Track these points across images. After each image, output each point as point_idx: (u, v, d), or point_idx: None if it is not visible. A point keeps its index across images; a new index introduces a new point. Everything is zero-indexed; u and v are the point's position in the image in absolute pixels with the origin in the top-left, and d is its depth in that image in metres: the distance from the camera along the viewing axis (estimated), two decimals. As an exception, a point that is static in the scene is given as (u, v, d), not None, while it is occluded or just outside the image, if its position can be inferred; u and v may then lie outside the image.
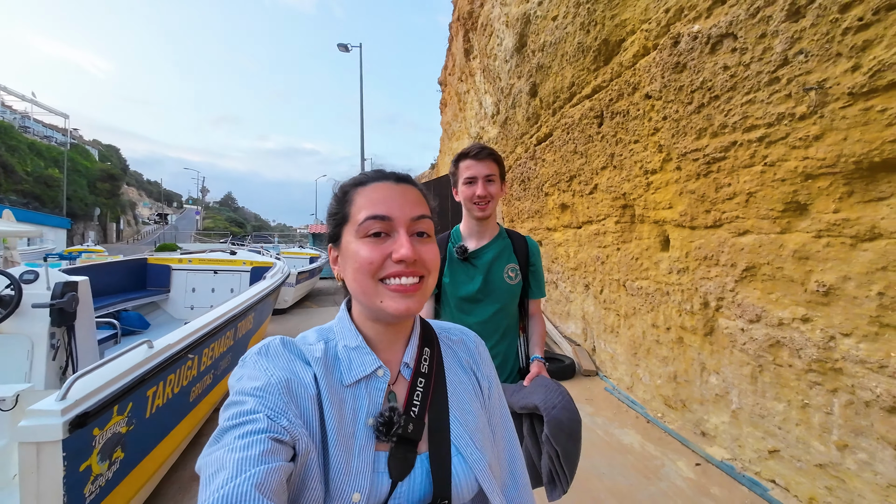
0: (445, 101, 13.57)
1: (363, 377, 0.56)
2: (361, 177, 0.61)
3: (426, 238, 0.57)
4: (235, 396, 0.49)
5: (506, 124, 5.59)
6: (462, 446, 0.57)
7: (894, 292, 1.36)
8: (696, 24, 2.02)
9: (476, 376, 0.67)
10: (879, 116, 1.31)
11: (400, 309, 0.53)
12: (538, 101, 4.30)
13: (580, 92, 3.40)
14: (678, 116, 2.22)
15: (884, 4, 1.25)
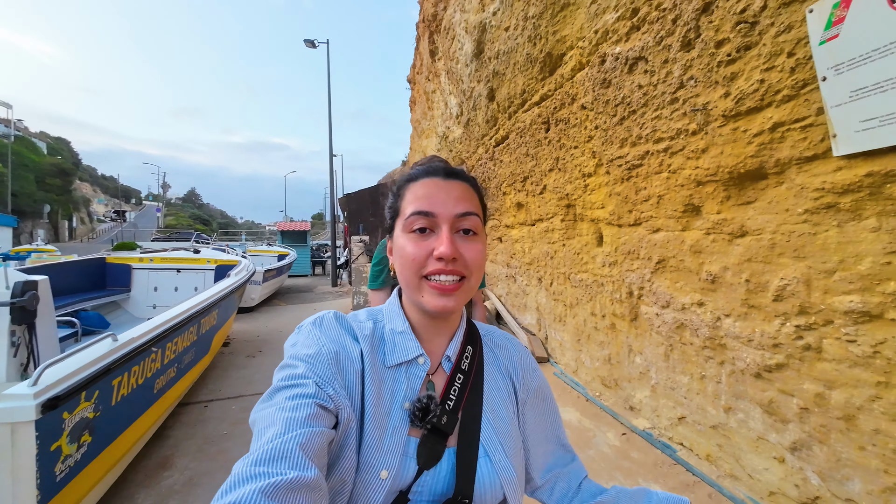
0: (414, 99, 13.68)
1: (404, 361, 0.58)
2: (414, 172, 0.62)
3: (472, 236, 0.57)
4: (289, 360, 0.53)
5: (468, 125, 5.82)
6: (491, 449, 0.58)
7: (757, 279, 1.66)
8: (618, 46, 2.29)
9: (514, 384, 0.67)
10: (743, 135, 1.60)
11: (437, 306, 0.55)
12: (496, 104, 4.54)
13: (530, 99, 3.65)
14: (606, 126, 2.50)
15: (743, 45, 1.53)
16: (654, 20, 1.99)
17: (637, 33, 2.14)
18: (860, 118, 1.19)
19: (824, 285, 1.40)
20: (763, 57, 1.46)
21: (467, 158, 6.51)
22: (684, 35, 1.80)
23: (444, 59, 6.44)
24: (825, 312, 1.41)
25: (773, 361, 1.62)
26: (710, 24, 1.67)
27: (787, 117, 1.42)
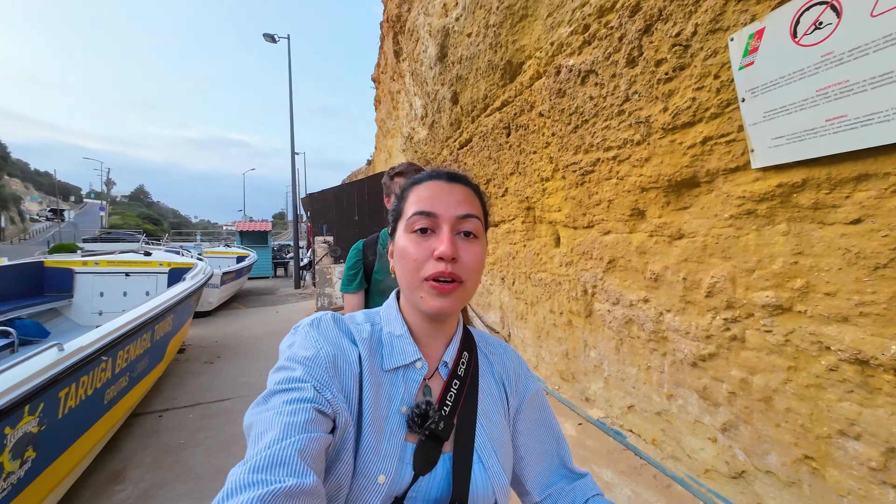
0: (379, 98, 13.58)
1: (402, 365, 0.58)
2: (419, 176, 0.64)
3: (472, 239, 0.58)
4: (286, 362, 0.52)
5: (433, 127, 5.88)
6: (484, 456, 0.58)
7: (692, 277, 1.83)
8: (572, 59, 2.42)
9: (506, 391, 0.68)
10: (679, 147, 1.76)
11: (435, 306, 0.55)
12: (459, 108, 4.63)
13: (492, 104, 3.77)
14: (562, 134, 2.64)
15: (678, 65, 1.69)
16: (603, 37, 2.13)
17: (588, 48, 2.29)
18: (772, 136, 1.36)
19: (746, 282, 1.58)
20: (695, 77, 1.62)
21: (432, 160, 6.57)
22: (629, 53, 1.95)
23: (409, 61, 6.47)
24: (747, 306, 1.58)
25: (707, 351, 1.79)
26: (651, 45, 1.82)
27: (715, 132, 1.59)
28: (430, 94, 5.54)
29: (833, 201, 1.28)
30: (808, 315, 1.38)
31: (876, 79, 1.07)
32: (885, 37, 1.04)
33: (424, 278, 0.55)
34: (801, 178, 1.33)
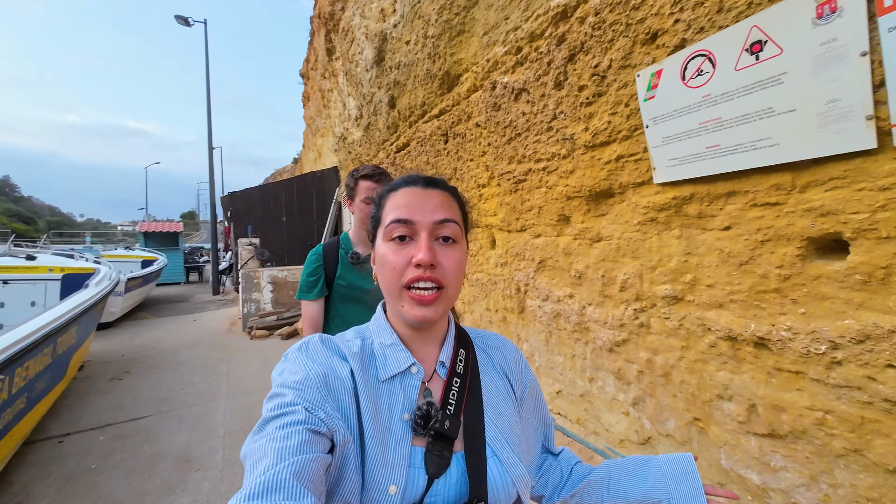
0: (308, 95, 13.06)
1: (398, 373, 0.58)
2: (395, 182, 0.64)
3: (451, 244, 0.58)
4: (277, 389, 0.52)
5: (369, 129, 5.86)
6: (498, 448, 0.57)
7: (609, 275, 2.12)
8: (506, 76, 2.65)
9: (510, 381, 0.68)
10: (598, 162, 2.04)
11: (417, 316, 0.55)
12: (397, 112, 4.70)
13: (430, 111, 3.91)
14: (497, 145, 2.86)
15: (597, 92, 1.96)
16: (534, 60, 2.37)
17: (521, 68, 2.52)
18: (668, 157, 1.66)
19: (650, 278, 1.89)
20: (610, 104, 1.90)
21: (367, 161, 6.55)
22: (556, 77, 2.20)
23: (343, 61, 6.38)
24: (651, 298, 1.89)
25: (620, 338, 2.09)
26: (574, 72, 2.08)
27: (626, 152, 1.88)
28: (366, 96, 5.53)
29: (711, 212, 1.60)
30: (695, 303, 1.71)
31: (739, 118, 1.39)
32: (745, 87, 1.35)
33: (404, 285, 0.55)
34: (689, 193, 1.65)
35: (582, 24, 1.96)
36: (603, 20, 1.83)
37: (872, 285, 1.19)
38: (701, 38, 1.46)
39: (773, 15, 1.25)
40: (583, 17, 1.95)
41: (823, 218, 1.27)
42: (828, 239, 1.29)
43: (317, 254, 1.53)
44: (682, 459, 0.68)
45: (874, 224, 1.16)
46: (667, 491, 0.65)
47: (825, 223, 1.27)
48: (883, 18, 1.04)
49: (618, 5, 1.74)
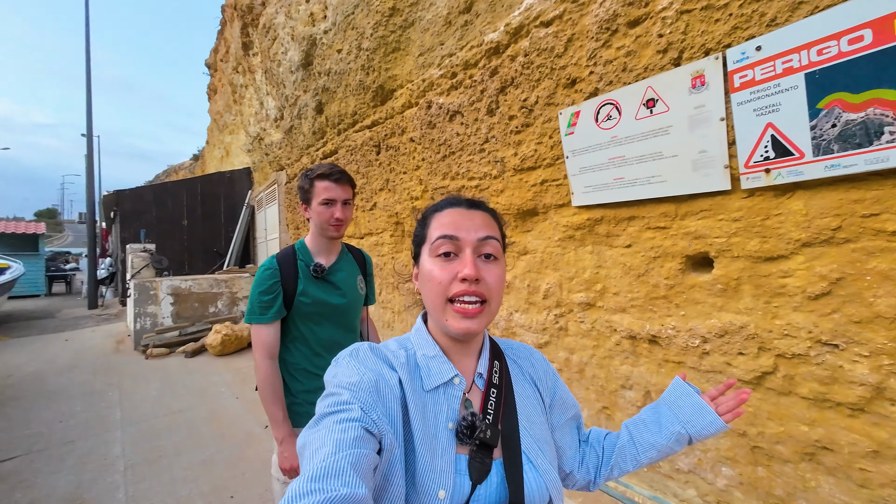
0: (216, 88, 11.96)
1: (441, 383, 0.61)
2: (440, 203, 0.68)
3: (493, 260, 0.61)
4: (332, 388, 0.56)
5: (291, 132, 5.63)
6: (533, 456, 0.61)
7: (533, 284, 2.39)
8: (441, 98, 2.82)
9: (539, 391, 0.71)
10: (525, 184, 2.30)
11: (461, 328, 0.58)
12: (324, 118, 4.61)
13: (362, 121, 3.93)
14: (432, 160, 3.01)
15: (525, 123, 2.22)
16: (469, 86, 2.58)
17: (456, 92, 2.71)
18: (583, 185, 1.96)
19: (568, 287, 2.17)
20: (536, 134, 2.17)
21: (288, 165, 6.26)
22: (489, 105, 2.43)
23: (263, 58, 6.04)
24: (569, 304, 2.18)
25: (543, 340, 2.36)
26: (505, 102, 2.32)
27: (550, 177, 2.15)
28: (290, 98, 5.32)
29: (616, 232, 1.92)
30: (604, 308, 2.02)
31: (638, 157, 1.71)
32: (642, 133, 1.68)
33: (449, 298, 0.59)
34: (600, 216, 1.96)
35: (513, 61, 2.21)
36: (531, 61, 2.08)
37: (728, 292, 1.56)
38: (610, 90, 1.77)
39: (663, 80, 1.58)
40: (514, 56, 2.20)
41: (696, 240, 1.63)
42: (699, 256, 1.66)
43: (271, 268, 1.32)
44: (675, 386, 0.77)
45: (729, 246, 1.53)
46: (679, 421, 0.73)
47: (698, 244, 1.63)
48: (734, 95, 1.40)
49: (544, 51, 2.01)
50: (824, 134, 1.24)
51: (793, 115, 1.28)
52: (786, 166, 1.33)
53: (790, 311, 1.41)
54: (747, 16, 1.36)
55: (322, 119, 4.66)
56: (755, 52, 1.33)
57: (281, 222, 6.73)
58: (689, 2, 1.48)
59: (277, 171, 6.94)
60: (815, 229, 1.32)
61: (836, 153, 1.22)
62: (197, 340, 5.45)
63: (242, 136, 9.42)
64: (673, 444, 0.73)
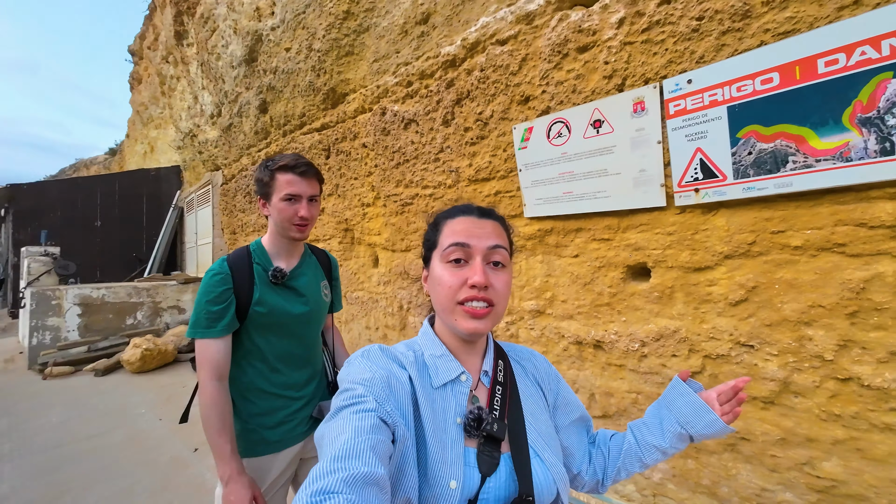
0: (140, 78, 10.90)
1: (449, 381, 0.64)
2: (452, 210, 0.71)
3: (501, 268, 0.65)
4: (347, 385, 0.58)
5: (230, 130, 5.29)
6: (540, 450, 0.63)
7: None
8: (396, 105, 2.81)
9: (543, 391, 0.74)
10: (479, 194, 2.35)
11: (470, 328, 0.61)
12: (268, 118, 4.39)
13: (310, 124, 3.79)
14: (385, 167, 2.98)
15: (480, 135, 2.28)
16: (424, 95, 2.60)
17: (411, 100, 2.72)
18: (535, 197, 2.05)
19: (520, 295, 2.25)
20: (491, 147, 2.23)
21: (225, 165, 5.86)
22: (444, 115, 2.46)
23: (199, 50, 5.63)
24: (520, 312, 2.25)
25: (495, 347, 2.41)
26: (461, 114, 2.37)
27: (504, 188, 2.22)
28: (229, 94, 5.00)
29: (565, 243, 2.03)
30: (553, 315, 2.11)
31: (585, 174, 1.83)
32: (589, 151, 1.80)
33: (458, 301, 0.62)
34: (550, 227, 2.06)
35: (469, 75, 2.27)
36: (487, 77, 2.16)
37: (664, 299, 1.71)
38: (561, 109, 1.88)
39: (608, 103, 1.71)
40: (470, 70, 2.26)
41: (636, 252, 1.77)
42: (638, 266, 1.80)
43: (221, 273, 1.15)
44: (673, 386, 0.77)
45: (664, 257, 1.68)
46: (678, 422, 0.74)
47: (637, 255, 1.77)
48: (669, 121, 1.56)
49: (500, 68, 2.09)
50: (742, 160, 1.41)
51: (717, 142, 1.45)
52: (711, 187, 1.49)
53: (715, 315, 1.58)
54: (680, 52, 1.52)
55: (266, 119, 4.43)
56: (687, 85, 1.50)
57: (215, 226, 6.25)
58: (631, 35, 1.63)
59: (212, 171, 6.46)
60: (735, 243, 1.50)
61: (751, 177, 1.40)
62: (111, 356, 4.84)
63: (171, 131, 8.65)
64: (676, 444, 0.74)
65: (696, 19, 1.46)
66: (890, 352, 1.24)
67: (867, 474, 1.32)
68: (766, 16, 1.33)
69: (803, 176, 1.30)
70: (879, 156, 1.18)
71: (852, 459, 1.35)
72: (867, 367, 1.28)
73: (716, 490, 1.65)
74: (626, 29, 1.63)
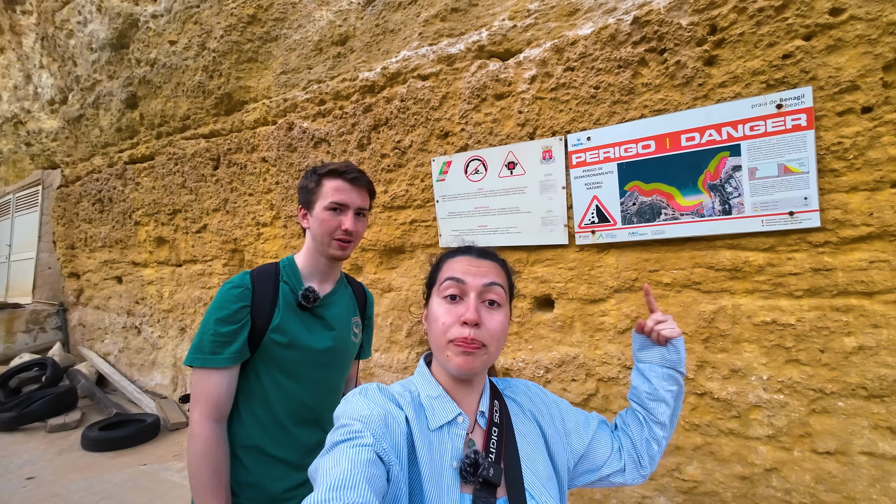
0: (-63, 39, 8.32)
1: (446, 422, 0.63)
2: (453, 250, 0.73)
3: (496, 307, 0.65)
4: (343, 421, 0.56)
5: (79, 123, 4.35)
6: (536, 493, 0.62)
7: (397, 322, 2.37)
8: (306, 122, 2.65)
9: (540, 426, 0.73)
10: (394, 222, 2.33)
11: (459, 363, 0.60)
12: (138, 115, 3.74)
13: (196, 128, 3.34)
14: (288, 185, 2.75)
15: (397, 163, 2.28)
16: (339, 116, 2.51)
17: (323, 119, 2.60)
18: (451, 228, 2.11)
19: (432, 325, 2.24)
20: (408, 176, 2.25)
21: (68, 164, 4.78)
22: (360, 139, 2.41)
23: (42, 21, 4.57)
24: (432, 342, 2.24)
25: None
26: (378, 140, 2.35)
27: (419, 217, 2.24)
28: (83, 80, 4.14)
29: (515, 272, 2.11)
30: (465, 345, 2.15)
31: (499, 210, 1.95)
32: (504, 189, 1.94)
33: (450, 340, 0.61)
34: (464, 258, 2.12)
35: (388, 103, 2.27)
36: (408, 107, 2.19)
37: (565, 328, 1.88)
38: (479, 148, 2.00)
39: (522, 148, 1.88)
40: (389, 98, 2.27)
41: (542, 284, 1.92)
42: (543, 298, 1.96)
43: (242, 286, 0.95)
44: (633, 341, 0.88)
45: (566, 290, 1.86)
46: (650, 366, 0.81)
47: (543, 287, 1.93)
48: (572, 170, 1.77)
49: (421, 101, 2.14)
50: (628, 209, 1.68)
51: (609, 192, 1.70)
52: (605, 230, 1.73)
53: (607, 342, 1.79)
54: (581, 112, 1.77)
55: (135, 115, 3.76)
56: (587, 141, 1.73)
57: (43, 237, 4.97)
58: (542, 91, 1.84)
59: (47, 169, 5.18)
60: (622, 279, 1.74)
61: (635, 223, 1.66)
62: None
63: (-18, 113, 6.71)
64: (667, 384, 0.79)
65: (594, 87, 1.72)
66: (731, 370, 1.56)
67: (717, 473, 1.60)
68: (645, 94, 1.64)
69: (672, 226, 1.60)
70: (721, 214, 1.52)
71: (707, 461, 1.62)
72: (716, 382, 1.59)
73: (606, 502, 1.82)
74: (538, 86, 1.84)
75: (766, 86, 1.43)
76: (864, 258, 1.34)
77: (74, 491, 2.51)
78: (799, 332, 1.43)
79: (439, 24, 2.12)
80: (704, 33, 1.51)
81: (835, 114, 1.35)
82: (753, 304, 1.51)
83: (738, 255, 1.52)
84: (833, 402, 1.40)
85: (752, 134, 1.44)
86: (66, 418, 3.57)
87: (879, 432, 1.35)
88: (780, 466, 1.48)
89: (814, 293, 1.42)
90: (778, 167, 1.41)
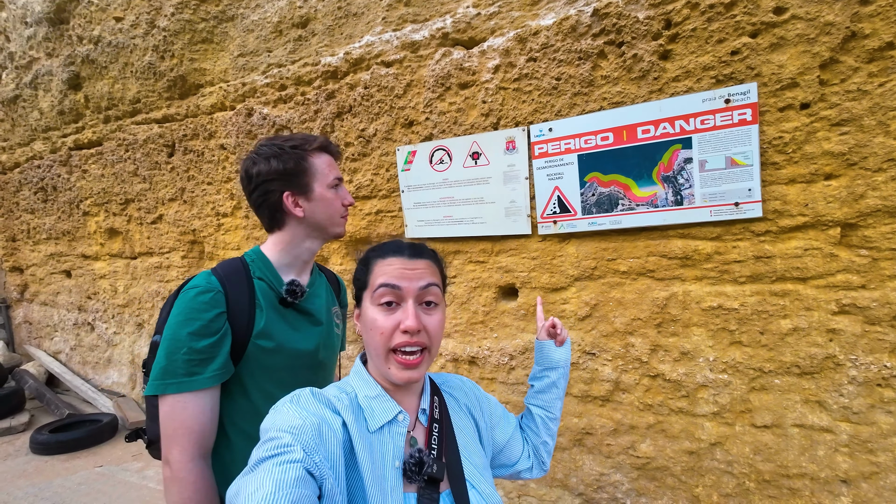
0: None
1: (386, 422, 0.61)
2: (382, 248, 0.68)
3: (433, 307, 0.64)
4: (271, 433, 0.52)
5: (15, 104, 4.01)
6: (477, 483, 0.64)
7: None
8: (266, 108, 2.55)
9: (475, 419, 0.75)
10: (360, 212, 2.29)
11: (402, 378, 0.60)
12: (83, 98, 3.49)
13: (147, 112, 3.14)
14: (249, 174, 2.65)
15: (362, 152, 2.23)
16: (301, 103, 2.43)
17: (285, 105, 2.51)
18: (417, 219, 2.10)
19: (399, 315, 2.24)
20: (373, 165, 2.21)
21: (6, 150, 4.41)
22: (323, 127, 2.34)
23: (-33, -10, 4.13)
24: (399, 332, 2.24)
25: (371, 370, 2.33)
26: (342, 128, 2.29)
27: (385, 208, 2.21)
28: (18, 56, 3.81)
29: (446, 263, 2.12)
30: (431, 334, 2.17)
31: (464, 200, 1.96)
32: (468, 179, 1.94)
33: (392, 348, 0.61)
34: (430, 248, 2.12)
35: (352, 90, 2.21)
36: (371, 95, 2.14)
37: (528, 317, 1.92)
38: (443, 138, 1.99)
39: (486, 138, 1.88)
40: (353, 85, 2.21)
41: (507, 273, 1.95)
42: (508, 287, 1.99)
43: (212, 290, 0.79)
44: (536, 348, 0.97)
45: (529, 279, 1.90)
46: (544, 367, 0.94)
47: (507, 277, 1.96)
48: (535, 161, 1.79)
49: (385, 88, 2.10)
50: (588, 199, 1.72)
51: (570, 183, 1.73)
52: (566, 220, 1.76)
53: (568, 329, 1.84)
54: (544, 103, 1.78)
55: (79, 97, 3.50)
56: (549, 132, 1.76)
57: (-22, 229, 4.58)
58: (505, 81, 1.84)
59: (-21, 155, 4.76)
60: (582, 268, 1.79)
61: (594, 214, 1.71)
62: None
63: None
64: (559, 380, 0.92)
65: (556, 79, 1.74)
66: (681, 352, 1.64)
67: (668, 449, 1.70)
68: (604, 87, 1.67)
69: (629, 216, 1.65)
70: (673, 205, 1.58)
71: (659, 439, 1.72)
72: (668, 365, 1.67)
73: (567, 482, 1.90)
74: (501, 76, 1.84)
75: (716, 81, 1.49)
76: (800, 246, 1.43)
77: (21, 498, 2.38)
78: (742, 316, 1.53)
79: (403, 9, 2.08)
80: (660, 27, 1.55)
81: (776, 109, 1.42)
82: (702, 290, 1.59)
83: (688, 244, 1.59)
84: (770, 380, 1.51)
85: (703, 127, 1.50)
86: (12, 421, 3.36)
87: (809, 406, 1.46)
88: (723, 441, 1.59)
89: (755, 279, 1.51)
90: (725, 160, 1.48)
